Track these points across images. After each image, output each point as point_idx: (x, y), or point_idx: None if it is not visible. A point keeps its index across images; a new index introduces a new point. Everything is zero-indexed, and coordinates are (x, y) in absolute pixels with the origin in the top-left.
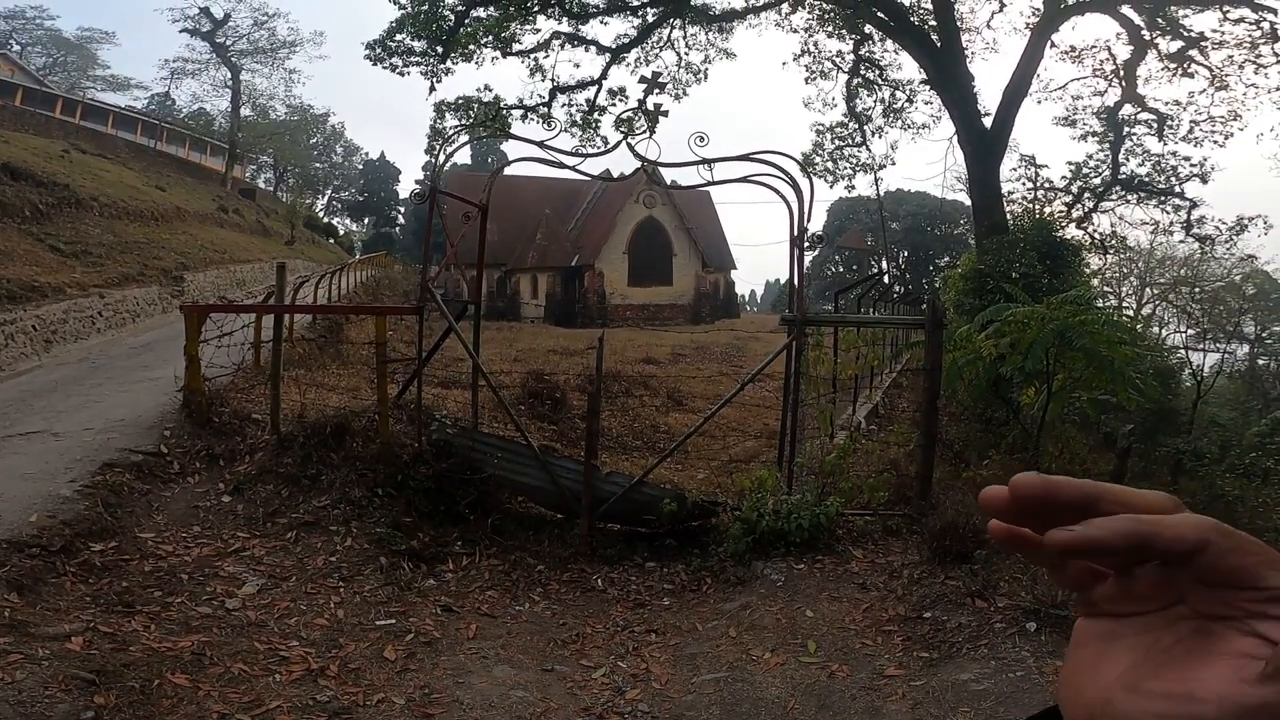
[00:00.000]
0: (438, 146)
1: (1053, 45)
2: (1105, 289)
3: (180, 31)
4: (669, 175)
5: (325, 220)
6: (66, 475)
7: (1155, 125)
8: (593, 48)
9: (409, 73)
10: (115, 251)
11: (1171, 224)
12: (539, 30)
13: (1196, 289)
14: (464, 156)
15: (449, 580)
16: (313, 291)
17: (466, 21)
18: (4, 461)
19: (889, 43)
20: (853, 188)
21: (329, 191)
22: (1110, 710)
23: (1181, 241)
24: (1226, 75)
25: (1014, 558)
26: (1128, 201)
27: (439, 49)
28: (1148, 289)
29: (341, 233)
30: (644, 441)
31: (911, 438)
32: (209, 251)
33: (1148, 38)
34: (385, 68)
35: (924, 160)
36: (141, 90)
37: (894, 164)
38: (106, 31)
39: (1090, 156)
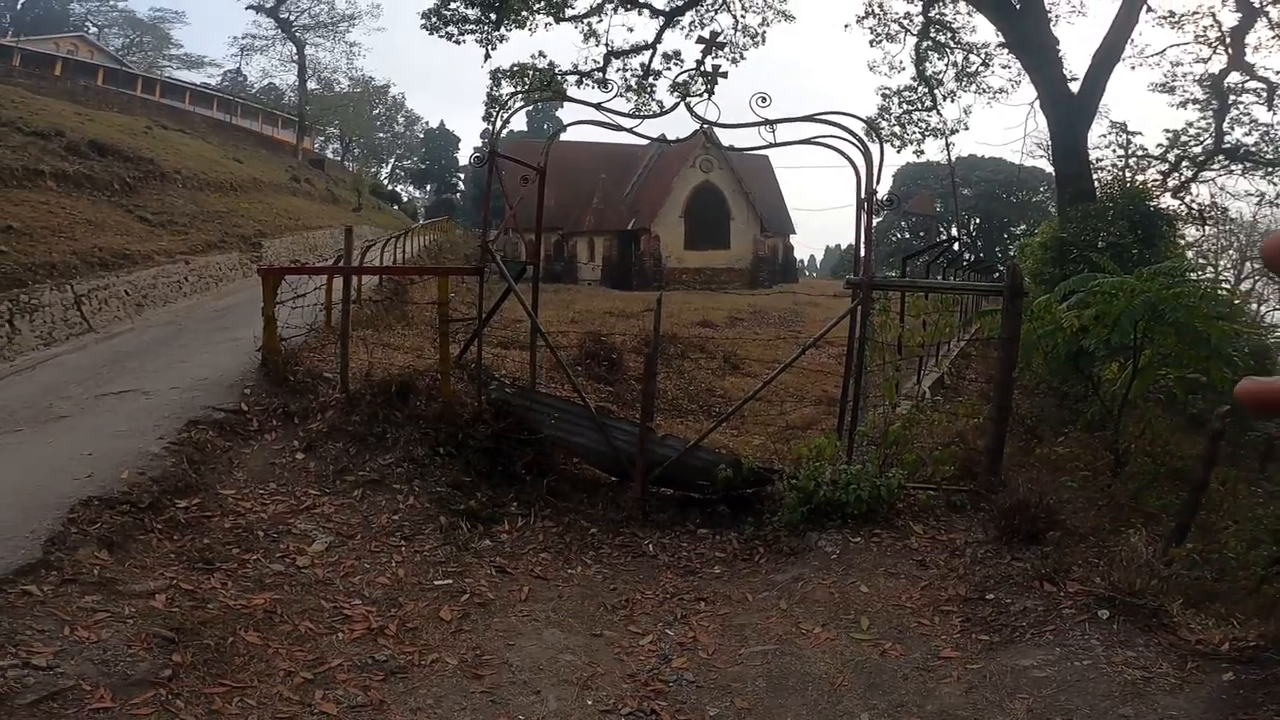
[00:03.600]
0: (495, 113)
1: (1149, 9)
2: (1202, 261)
3: (246, 8)
4: (727, 139)
5: (390, 188)
6: (155, 433)
7: (1265, 94)
8: (646, 11)
9: (464, 41)
10: (198, 220)
11: (1279, 196)
12: None
13: None
14: (520, 124)
15: (504, 541)
16: (379, 255)
17: None
18: (98, 420)
19: (961, 4)
20: (921, 152)
21: (392, 160)
22: None
23: None
24: None
25: (1089, 540)
26: (1231, 172)
27: (492, 15)
28: (1248, 263)
29: (405, 199)
30: (700, 405)
31: (980, 410)
32: (284, 219)
33: (1257, 5)
34: (441, 36)
35: (1001, 125)
36: (215, 68)
37: (967, 129)
38: (176, 11)
39: (1190, 124)
